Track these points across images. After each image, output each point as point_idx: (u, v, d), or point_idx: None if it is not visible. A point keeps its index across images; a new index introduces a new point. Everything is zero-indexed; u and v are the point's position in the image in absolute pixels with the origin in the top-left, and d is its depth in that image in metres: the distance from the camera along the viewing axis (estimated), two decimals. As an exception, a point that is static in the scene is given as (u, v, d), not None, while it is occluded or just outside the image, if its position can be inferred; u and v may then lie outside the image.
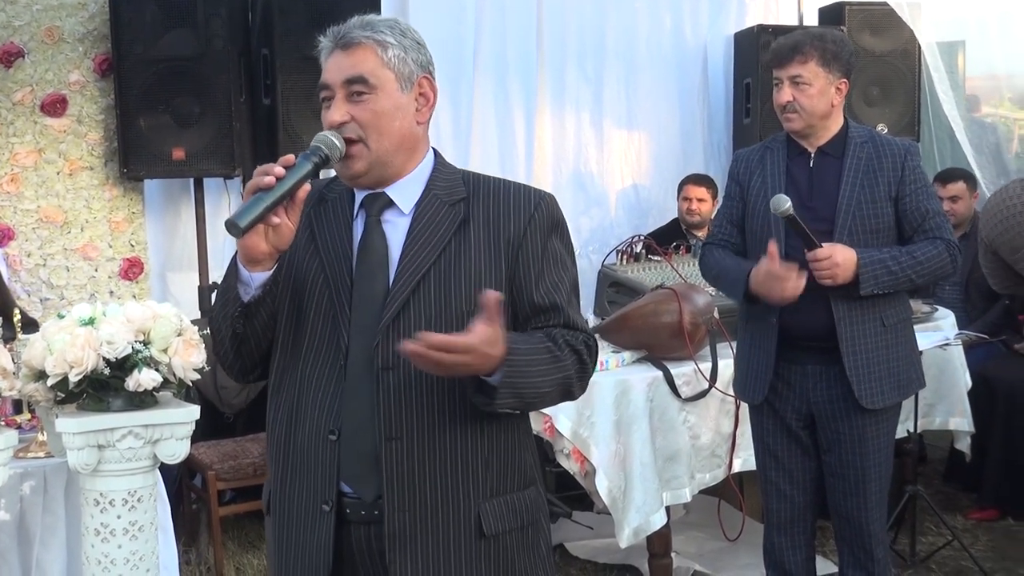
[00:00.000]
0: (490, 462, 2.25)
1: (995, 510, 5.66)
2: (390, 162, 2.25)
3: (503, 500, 2.27)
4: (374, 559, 2.23)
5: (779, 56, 3.69)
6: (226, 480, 4.99)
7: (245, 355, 2.29)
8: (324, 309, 2.22)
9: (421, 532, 2.20)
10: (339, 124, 2.20)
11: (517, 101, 6.71)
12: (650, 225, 6.72)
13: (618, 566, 4.99)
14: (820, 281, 3.54)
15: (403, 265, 2.21)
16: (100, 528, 3.16)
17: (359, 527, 2.22)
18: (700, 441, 4.44)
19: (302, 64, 5.54)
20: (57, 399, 3.17)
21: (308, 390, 2.23)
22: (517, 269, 2.24)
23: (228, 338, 2.25)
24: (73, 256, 5.73)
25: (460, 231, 2.24)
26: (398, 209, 2.26)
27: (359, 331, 2.19)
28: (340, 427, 2.19)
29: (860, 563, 3.77)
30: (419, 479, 2.18)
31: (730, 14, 7.26)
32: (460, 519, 2.22)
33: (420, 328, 2.13)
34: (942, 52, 6.90)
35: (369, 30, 2.25)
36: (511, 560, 2.28)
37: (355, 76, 2.21)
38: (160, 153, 5.50)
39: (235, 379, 2.40)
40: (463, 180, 2.33)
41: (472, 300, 2.17)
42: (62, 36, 5.66)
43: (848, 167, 3.66)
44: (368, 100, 2.21)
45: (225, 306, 2.22)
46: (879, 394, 3.65)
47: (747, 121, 6.79)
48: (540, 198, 2.30)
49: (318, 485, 2.22)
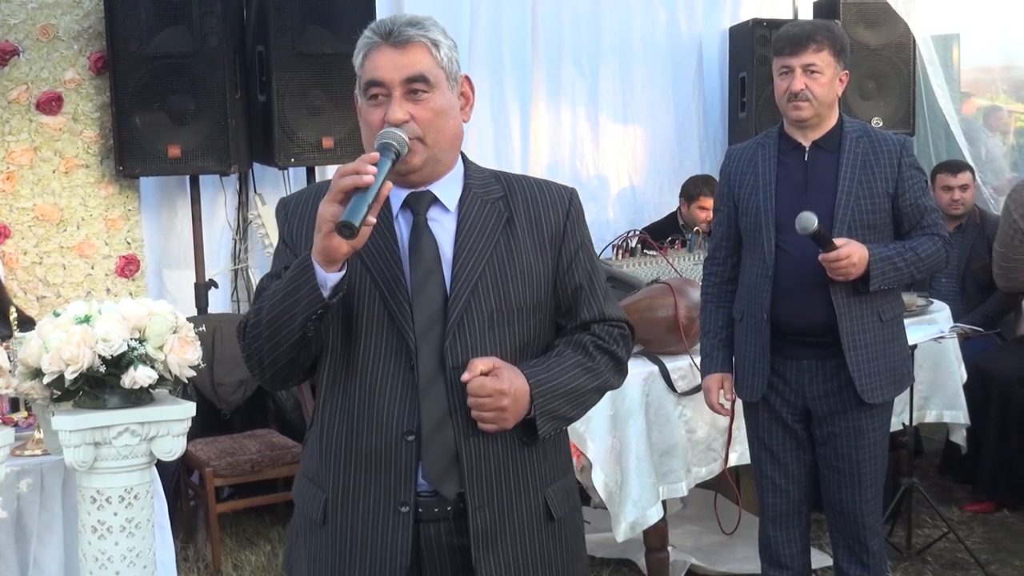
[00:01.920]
0: (547, 450, 2.34)
1: (991, 502, 5.67)
2: (442, 159, 2.27)
3: (560, 484, 2.37)
4: (454, 556, 2.26)
5: (793, 44, 3.64)
6: (223, 477, 5.00)
7: (300, 361, 2.26)
8: (378, 312, 2.22)
9: (500, 525, 2.26)
10: (400, 123, 2.18)
11: (512, 96, 6.72)
12: (646, 220, 6.72)
13: (615, 560, 4.99)
14: (834, 277, 3.55)
15: (459, 264, 2.23)
16: (97, 525, 3.16)
17: (436, 525, 2.24)
18: (696, 435, 4.45)
19: (297, 61, 5.56)
20: (53, 397, 3.17)
21: (375, 394, 2.22)
22: (560, 262, 2.33)
23: (292, 343, 2.19)
24: (69, 254, 5.73)
25: (508, 229, 2.29)
26: (442, 207, 2.28)
27: (424, 332, 2.21)
28: (417, 427, 2.20)
29: (855, 555, 3.78)
30: (495, 473, 2.24)
31: (725, 8, 7.28)
32: (532, 507, 2.30)
33: (484, 326, 2.22)
34: (937, 45, 6.91)
35: (420, 28, 2.22)
36: (572, 540, 2.39)
37: (416, 75, 2.20)
38: (156, 150, 5.50)
39: (272, 387, 2.40)
40: (494, 178, 2.36)
41: (527, 296, 2.27)
42: (57, 34, 5.66)
43: (845, 162, 3.66)
44: (427, 99, 2.21)
45: (293, 308, 2.15)
46: (879, 389, 3.66)
47: (742, 115, 6.80)
48: (571, 193, 2.39)
49: (393, 487, 2.22)
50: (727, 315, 3.88)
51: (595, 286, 2.37)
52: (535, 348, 2.31)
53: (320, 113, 5.65)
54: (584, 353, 2.32)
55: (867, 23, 6.80)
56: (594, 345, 2.34)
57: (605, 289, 2.40)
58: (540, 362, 2.28)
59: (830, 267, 3.53)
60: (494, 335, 2.24)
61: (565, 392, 2.27)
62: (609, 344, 2.36)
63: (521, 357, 2.27)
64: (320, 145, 5.64)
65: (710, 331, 3.92)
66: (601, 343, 2.35)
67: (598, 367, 2.34)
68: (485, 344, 2.22)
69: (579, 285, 2.35)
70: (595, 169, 7.00)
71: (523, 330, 2.27)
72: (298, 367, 2.28)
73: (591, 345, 2.34)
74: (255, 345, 2.26)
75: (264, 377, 2.33)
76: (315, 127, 5.65)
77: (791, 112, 3.68)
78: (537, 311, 2.30)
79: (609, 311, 2.39)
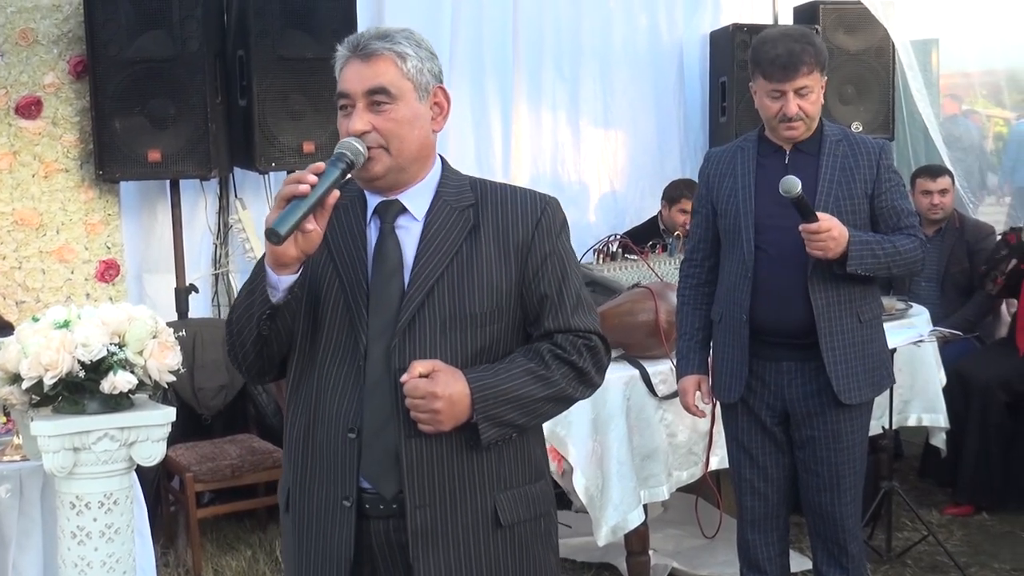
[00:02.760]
0: (503, 456, 2.35)
1: (970, 505, 5.70)
2: (407, 168, 2.33)
3: (517, 492, 2.37)
4: (394, 552, 2.32)
5: (783, 70, 3.59)
6: (204, 482, 4.99)
7: (266, 357, 2.36)
8: (341, 313, 2.31)
9: (442, 526, 2.30)
10: (361, 133, 2.26)
11: (493, 101, 6.72)
12: (627, 224, 6.73)
13: (596, 564, 5.00)
14: (811, 253, 3.54)
15: (417, 270, 2.30)
16: (76, 531, 3.15)
17: (379, 522, 2.31)
18: (677, 439, 4.46)
19: (278, 65, 5.55)
20: (32, 402, 3.16)
21: (327, 391, 2.32)
22: (526, 271, 2.35)
23: (252, 340, 2.31)
24: (49, 258, 5.71)
25: (471, 236, 2.33)
26: (411, 215, 2.35)
27: (377, 334, 2.28)
28: (360, 426, 2.28)
29: (834, 559, 3.79)
30: (438, 475, 2.29)
31: (705, 13, 7.29)
32: (478, 511, 2.32)
33: (435, 330, 2.28)
34: (916, 50, 6.94)
35: (388, 41, 2.30)
36: (526, 548, 2.39)
37: (377, 87, 2.27)
38: (136, 155, 5.48)
39: (251, 380, 2.51)
40: (470, 186, 2.41)
41: (484, 303, 2.30)
42: (36, 38, 5.64)
43: (825, 165, 3.67)
44: (389, 110, 2.28)
45: (251, 308, 2.28)
46: (856, 389, 3.67)
47: (723, 119, 6.82)
48: (545, 203, 2.40)
49: (338, 482, 2.30)
50: (703, 317, 3.88)
51: (564, 296, 2.37)
52: (493, 356, 2.33)
53: (301, 117, 5.64)
54: (538, 361, 2.33)
55: (847, 28, 6.83)
56: (551, 354, 2.34)
57: (577, 300, 2.40)
58: (487, 368, 2.29)
59: (809, 239, 3.51)
60: (446, 340, 2.28)
61: (510, 399, 2.28)
62: (569, 354, 2.35)
63: (475, 363, 2.30)
64: (301, 150, 5.63)
65: (686, 333, 3.93)
66: (560, 352, 2.35)
67: (551, 376, 2.33)
68: (436, 349, 2.27)
69: (544, 295, 2.36)
70: (576, 174, 7.00)
71: (479, 337, 2.31)
72: (266, 362, 2.38)
73: (548, 354, 2.34)
74: (230, 340, 2.37)
75: (241, 371, 2.43)
76: (296, 131, 5.64)
77: (784, 132, 3.67)
78: (496, 319, 2.33)
79: (577, 322, 2.38)
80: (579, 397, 2.42)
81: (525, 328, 2.39)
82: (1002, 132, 7.73)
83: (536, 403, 2.32)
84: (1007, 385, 5.67)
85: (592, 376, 2.41)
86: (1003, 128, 7.71)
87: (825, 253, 3.53)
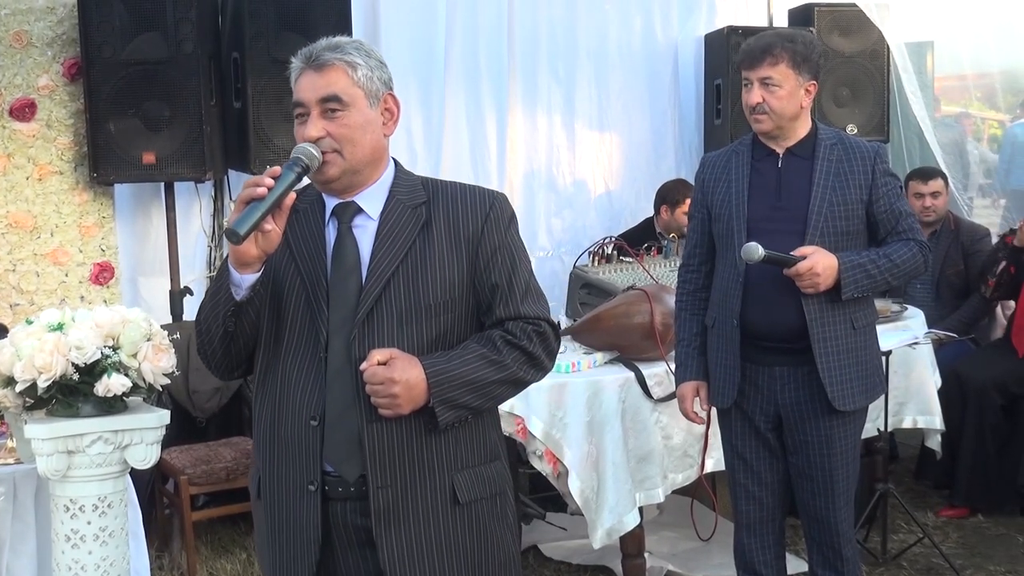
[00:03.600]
0: (459, 438, 2.49)
1: (965, 508, 5.70)
2: (361, 171, 2.47)
3: (473, 472, 2.52)
4: (360, 534, 2.46)
5: (750, 57, 3.69)
6: (199, 484, 4.98)
7: (233, 353, 2.51)
8: (302, 309, 2.45)
9: (403, 505, 2.44)
10: (316, 139, 2.41)
11: (489, 103, 6.71)
12: (622, 226, 6.72)
13: (592, 567, 5.00)
14: (804, 290, 3.56)
15: (373, 265, 2.44)
16: (70, 534, 3.15)
17: (344, 504, 2.45)
18: (672, 441, 4.46)
19: (272, 67, 5.53)
20: (26, 405, 3.16)
21: (290, 382, 2.45)
22: (477, 263, 2.49)
23: (219, 336, 2.46)
24: (43, 261, 5.70)
25: (424, 232, 2.47)
26: (367, 214, 2.49)
27: (337, 327, 2.42)
28: (322, 413, 2.42)
29: (829, 562, 3.79)
30: (399, 457, 2.42)
31: (700, 15, 7.28)
32: (437, 489, 2.46)
33: (392, 321, 2.42)
34: (911, 53, 6.94)
35: (339, 52, 2.45)
36: (483, 526, 2.53)
37: (329, 95, 2.42)
38: (130, 157, 5.47)
39: (220, 376, 2.62)
40: (423, 185, 2.56)
41: (438, 295, 2.45)
42: (31, 40, 5.63)
43: (819, 169, 3.67)
44: (342, 116, 2.43)
45: (216, 306, 2.44)
46: (850, 396, 3.67)
47: (718, 122, 6.81)
48: (494, 198, 2.56)
49: (303, 468, 2.44)
50: (701, 323, 3.88)
51: (514, 286, 2.51)
52: (447, 344, 2.47)
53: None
54: (490, 347, 2.46)
55: (841, 31, 6.83)
56: (503, 340, 2.47)
57: (527, 289, 2.53)
58: (442, 355, 2.43)
59: (797, 280, 3.55)
60: (403, 331, 2.42)
61: (464, 383, 2.41)
62: (520, 340, 2.48)
63: (431, 351, 2.44)
64: (295, 152, 5.61)
65: (684, 339, 3.93)
66: (511, 338, 2.48)
67: (503, 360, 2.46)
68: (393, 339, 2.41)
69: (495, 284, 2.50)
70: (572, 176, 6.99)
71: (434, 326, 2.45)
72: (233, 358, 2.53)
73: (499, 340, 2.47)
74: (199, 339, 2.53)
75: (210, 367, 2.58)
76: (290, 134, 5.50)
77: (752, 124, 3.73)
78: (449, 308, 2.47)
79: (526, 310, 2.51)
80: (530, 380, 2.55)
81: (478, 316, 2.53)
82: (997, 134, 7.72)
83: (489, 386, 2.45)
84: (1002, 387, 5.67)
85: (543, 360, 2.54)
86: (998, 131, 7.71)
87: (816, 289, 3.55)
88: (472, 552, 2.52)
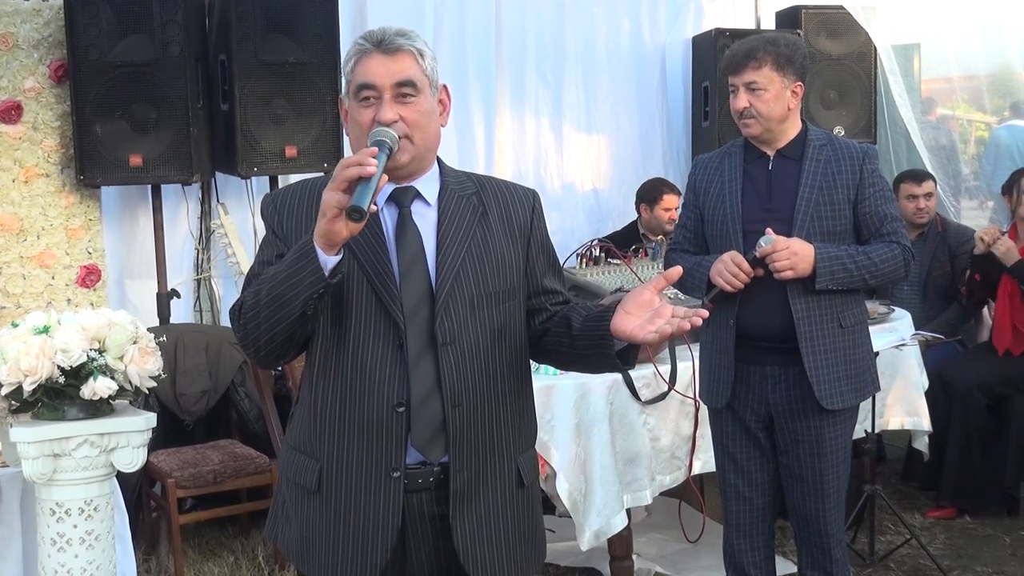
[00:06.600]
0: (521, 421, 2.57)
1: (952, 508, 5.71)
2: (425, 157, 2.50)
3: (528, 455, 2.60)
4: (435, 523, 2.47)
5: (733, 63, 3.71)
6: (186, 488, 4.96)
7: (298, 337, 2.42)
8: (366, 295, 2.42)
9: (478, 487, 2.47)
10: (390, 123, 2.39)
11: (477, 104, 6.72)
12: (610, 228, 6.74)
13: (579, 569, 5.00)
14: (777, 274, 3.56)
15: (443, 252, 2.45)
16: (56, 538, 3.14)
17: (420, 495, 2.45)
18: (660, 443, 4.46)
19: (259, 69, 5.53)
20: (12, 408, 3.15)
21: (366, 368, 2.42)
22: (529, 253, 2.57)
23: (293, 320, 2.34)
24: (29, 264, 5.68)
25: (483, 220, 2.51)
26: (424, 201, 2.50)
27: (412, 313, 2.42)
28: (407, 399, 2.40)
29: (818, 563, 3.80)
30: (476, 440, 2.46)
31: (688, 18, 7.30)
32: (507, 472, 2.52)
33: (465, 308, 2.44)
34: (898, 55, 6.96)
35: (408, 38, 2.47)
36: (535, 507, 2.64)
37: (405, 79, 2.43)
38: (117, 160, 5.46)
39: (266, 364, 2.61)
40: (467, 177, 2.60)
41: (502, 281, 2.49)
42: (16, 43, 5.61)
43: (807, 170, 3.69)
44: (415, 102, 2.44)
45: (295, 287, 2.31)
46: (838, 395, 3.68)
47: (705, 124, 6.82)
48: (534, 194, 2.64)
49: (386, 454, 2.43)
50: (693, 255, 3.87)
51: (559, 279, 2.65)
52: (510, 331, 2.51)
53: (283, 122, 5.62)
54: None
55: (828, 33, 6.85)
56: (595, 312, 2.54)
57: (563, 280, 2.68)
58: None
59: (771, 259, 3.57)
60: (474, 316, 2.44)
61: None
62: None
63: (500, 338, 2.48)
64: (283, 154, 5.61)
65: (689, 261, 3.82)
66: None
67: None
68: (467, 325, 2.44)
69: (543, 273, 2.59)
70: (559, 178, 7.01)
71: (500, 313, 2.48)
72: (293, 344, 2.44)
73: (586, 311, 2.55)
74: (252, 325, 2.40)
75: (259, 355, 2.46)
76: (278, 136, 5.62)
77: (741, 129, 3.76)
78: (511, 296, 2.51)
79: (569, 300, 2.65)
80: None
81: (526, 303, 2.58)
82: (983, 136, 7.75)
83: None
84: (988, 388, 5.69)
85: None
86: (984, 133, 7.73)
87: (793, 268, 3.55)
88: (528, 531, 2.59)
